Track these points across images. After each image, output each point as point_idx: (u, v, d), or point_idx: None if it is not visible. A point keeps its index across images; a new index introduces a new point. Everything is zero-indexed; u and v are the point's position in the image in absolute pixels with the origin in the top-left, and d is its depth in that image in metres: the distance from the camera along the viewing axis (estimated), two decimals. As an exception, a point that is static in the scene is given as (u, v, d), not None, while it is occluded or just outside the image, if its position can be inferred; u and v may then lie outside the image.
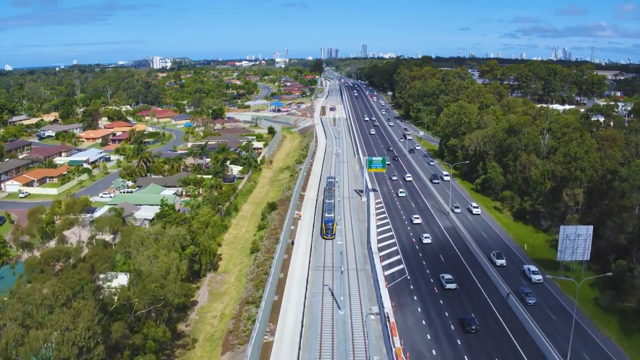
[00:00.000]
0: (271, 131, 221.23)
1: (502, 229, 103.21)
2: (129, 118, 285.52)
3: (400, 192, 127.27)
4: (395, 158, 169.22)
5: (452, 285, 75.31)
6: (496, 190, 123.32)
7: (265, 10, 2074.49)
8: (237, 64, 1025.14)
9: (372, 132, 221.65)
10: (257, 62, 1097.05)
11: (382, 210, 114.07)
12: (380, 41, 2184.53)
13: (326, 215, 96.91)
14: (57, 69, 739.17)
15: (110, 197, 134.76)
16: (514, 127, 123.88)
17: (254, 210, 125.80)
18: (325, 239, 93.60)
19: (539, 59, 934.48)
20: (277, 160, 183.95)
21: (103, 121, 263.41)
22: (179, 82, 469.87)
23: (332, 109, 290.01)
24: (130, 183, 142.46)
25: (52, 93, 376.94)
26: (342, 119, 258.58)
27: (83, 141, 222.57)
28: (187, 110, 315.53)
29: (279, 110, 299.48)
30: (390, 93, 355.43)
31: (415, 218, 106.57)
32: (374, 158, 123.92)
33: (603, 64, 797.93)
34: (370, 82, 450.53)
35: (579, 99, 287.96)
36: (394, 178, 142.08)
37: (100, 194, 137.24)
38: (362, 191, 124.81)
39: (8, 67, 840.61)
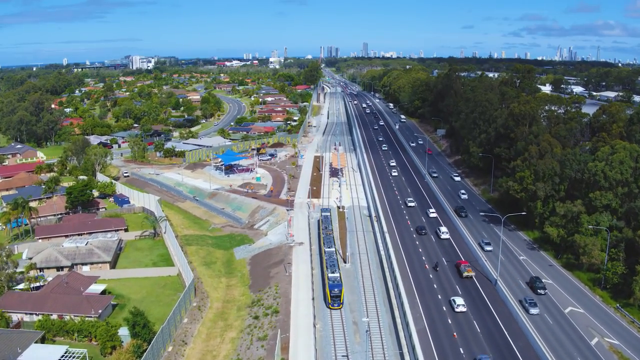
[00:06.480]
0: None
1: None
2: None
3: None
4: None
5: None
6: None
7: (263, 6, 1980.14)
8: (227, 64, 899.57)
9: None
10: (249, 62, 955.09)
11: None
12: (382, 39, 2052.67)
13: (330, 274, 71.92)
14: (34, 69, 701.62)
15: None
16: None
17: None
18: (332, 308, 69.60)
19: (544, 58, 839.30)
20: None
21: None
22: (111, 97, 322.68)
23: (334, 174, 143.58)
24: None
25: None
26: (361, 231, 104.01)
27: None
28: (71, 162, 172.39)
29: (230, 169, 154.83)
30: (441, 132, 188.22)
31: None
32: None
33: (619, 64, 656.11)
34: (391, 99, 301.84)
35: None
36: None
37: None
38: None
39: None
